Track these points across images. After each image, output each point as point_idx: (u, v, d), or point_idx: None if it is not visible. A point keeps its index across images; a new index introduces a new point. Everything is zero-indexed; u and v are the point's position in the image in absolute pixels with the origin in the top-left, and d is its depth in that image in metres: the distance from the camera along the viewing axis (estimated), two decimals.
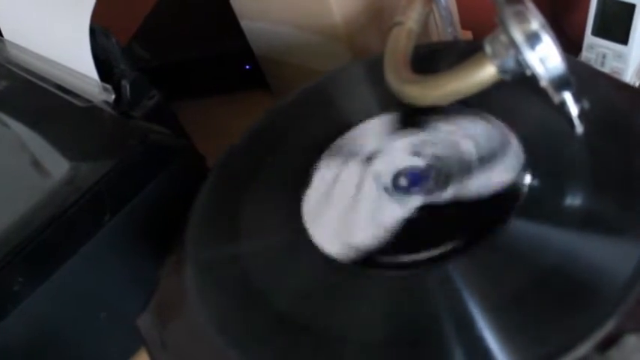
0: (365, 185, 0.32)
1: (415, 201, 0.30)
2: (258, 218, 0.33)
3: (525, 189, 0.29)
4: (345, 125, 0.35)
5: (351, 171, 0.33)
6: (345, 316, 0.27)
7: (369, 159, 0.33)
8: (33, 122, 0.44)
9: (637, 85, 0.51)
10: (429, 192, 0.30)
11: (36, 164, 0.42)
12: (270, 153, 0.36)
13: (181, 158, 0.41)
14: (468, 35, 0.59)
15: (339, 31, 0.46)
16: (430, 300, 0.26)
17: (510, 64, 0.29)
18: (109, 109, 0.43)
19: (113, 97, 0.43)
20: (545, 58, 0.28)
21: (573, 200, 0.28)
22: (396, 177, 0.32)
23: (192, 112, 0.55)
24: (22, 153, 0.43)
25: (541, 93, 0.29)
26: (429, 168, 0.31)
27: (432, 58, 0.36)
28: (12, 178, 0.41)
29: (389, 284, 0.28)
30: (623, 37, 0.48)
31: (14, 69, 0.49)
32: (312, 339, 0.27)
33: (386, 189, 0.31)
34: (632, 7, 0.46)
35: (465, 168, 0.31)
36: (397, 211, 0.30)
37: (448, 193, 0.30)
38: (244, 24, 0.54)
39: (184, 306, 0.31)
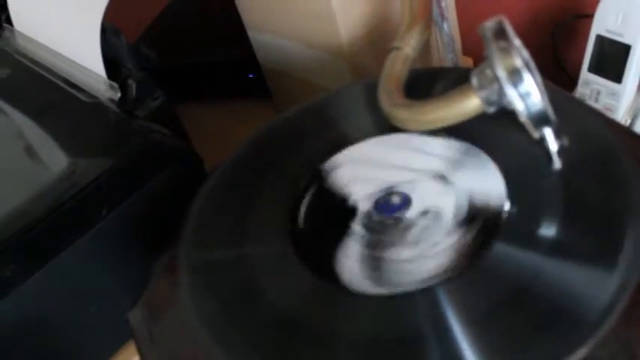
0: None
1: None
2: (253, 224, 0.33)
3: (508, 216, 0.29)
4: (341, 144, 0.36)
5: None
6: (333, 321, 0.28)
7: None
8: (37, 114, 0.45)
9: (628, 123, 0.53)
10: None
11: (37, 156, 0.42)
12: (270, 162, 0.37)
13: (181, 160, 0.42)
14: (468, 62, 0.60)
15: (344, 50, 0.47)
16: (416, 317, 0.27)
17: (494, 97, 0.30)
18: (113, 106, 0.43)
19: (119, 95, 0.44)
20: (524, 95, 0.29)
21: (555, 229, 0.28)
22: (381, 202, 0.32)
23: (194, 115, 0.56)
24: (24, 144, 0.43)
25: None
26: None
27: (429, 83, 0.37)
28: (13, 169, 0.42)
29: (378, 304, 0.28)
30: (617, 76, 0.49)
31: (23, 59, 0.50)
32: (300, 339, 0.27)
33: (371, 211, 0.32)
34: (628, 47, 0.48)
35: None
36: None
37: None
38: (251, 34, 0.55)
39: (175, 303, 0.31)
